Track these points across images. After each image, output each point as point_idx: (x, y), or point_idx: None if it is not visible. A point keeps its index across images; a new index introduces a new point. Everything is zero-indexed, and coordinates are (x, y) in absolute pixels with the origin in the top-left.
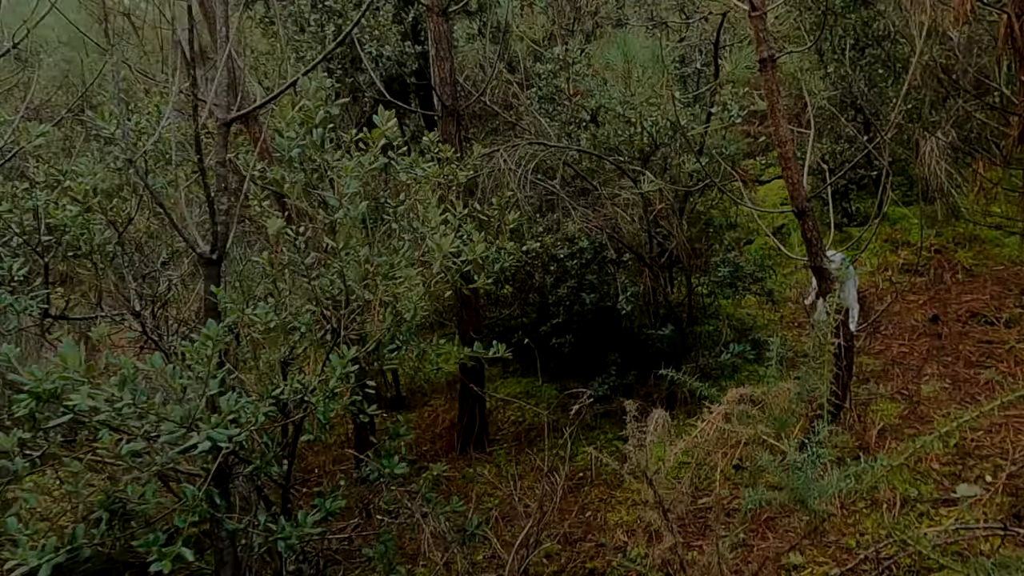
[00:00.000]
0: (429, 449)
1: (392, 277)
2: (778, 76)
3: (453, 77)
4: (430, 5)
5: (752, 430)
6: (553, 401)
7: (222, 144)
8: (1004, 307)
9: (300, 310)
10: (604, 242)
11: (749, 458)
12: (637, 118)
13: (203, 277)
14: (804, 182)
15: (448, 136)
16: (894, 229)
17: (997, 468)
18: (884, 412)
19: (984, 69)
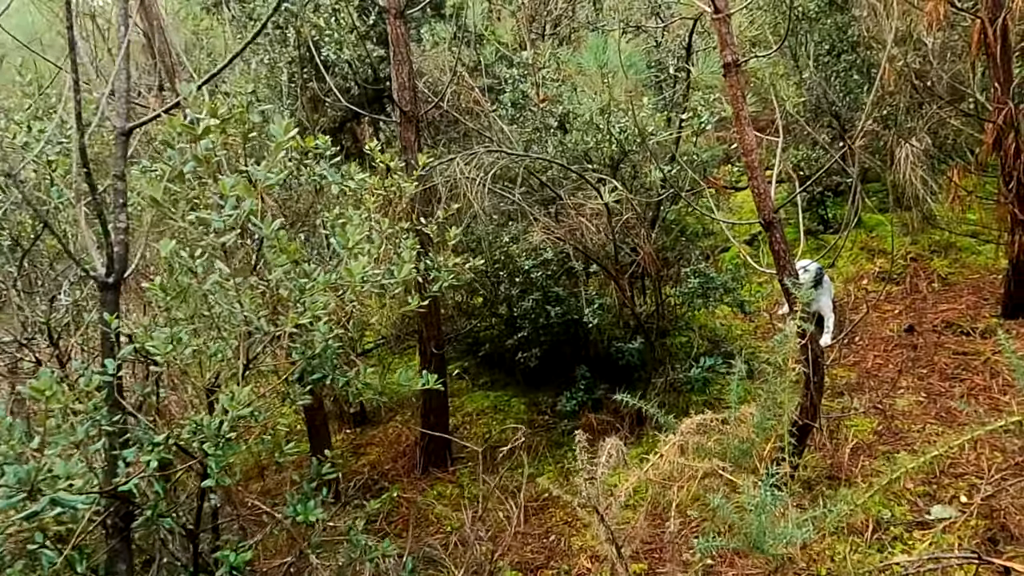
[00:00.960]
0: (391, 469)
1: (304, 304)
2: (744, 81)
3: (412, 82)
4: (387, 6)
5: (707, 464)
6: (522, 416)
7: (120, 155)
8: (980, 317)
9: (212, 339)
10: (583, 253)
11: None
12: (605, 124)
13: (100, 303)
14: (772, 192)
15: (407, 143)
16: (871, 236)
17: (972, 488)
18: (858, 428)
19: (959, 75)
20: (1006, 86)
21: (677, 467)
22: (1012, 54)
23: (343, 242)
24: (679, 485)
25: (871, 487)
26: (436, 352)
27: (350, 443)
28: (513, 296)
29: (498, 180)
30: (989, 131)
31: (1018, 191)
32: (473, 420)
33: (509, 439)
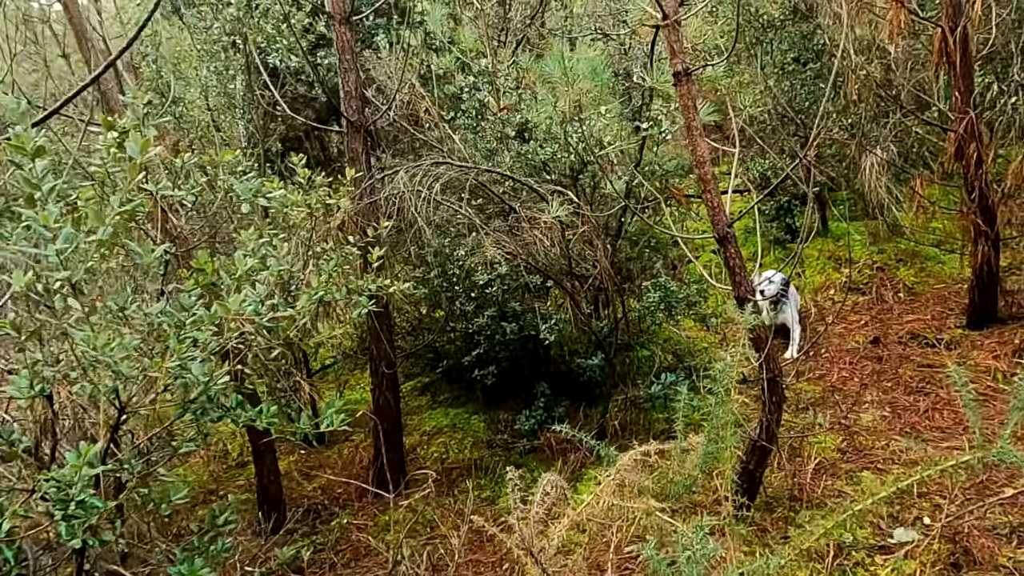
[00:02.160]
0: (342, 492)
1: (182, 341)
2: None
3: (359, 90)
4: (332, 12)
5: (644, 504)
6: (481, 435)
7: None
8: (945, 328)
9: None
10: (534, 268)
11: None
12: (562, 133)
13: None
14: (727, 205)
15: (355, 155)
16: (838, 245)
17: (936, 508)
18: (822, 445)
19: (922, 84)
20: (967, 95)
21: (614, 508)
22: (973, 63)
23: (229, 271)
24: (618, 526)
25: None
26: (388, 372)
27: (302, 465)
28: (468, 312)
29: (456, 192)
30: (951, 140)
31: (980, 201)
32: (431, 439)
33: (467, 459)
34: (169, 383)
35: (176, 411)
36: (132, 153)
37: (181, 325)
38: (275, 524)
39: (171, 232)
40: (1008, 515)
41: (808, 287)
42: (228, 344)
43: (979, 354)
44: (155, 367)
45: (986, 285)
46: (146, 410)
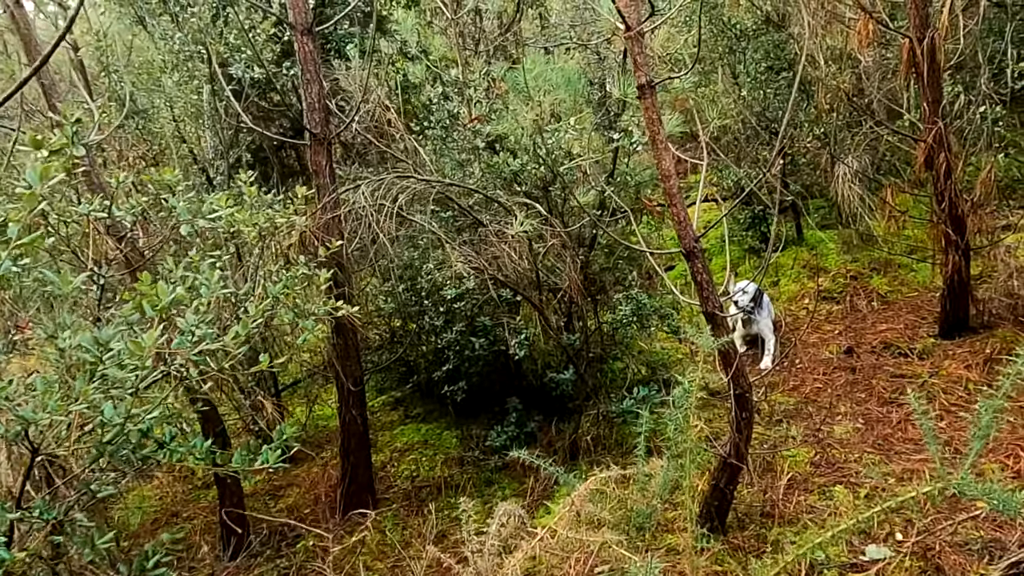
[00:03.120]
0: (310, 513)
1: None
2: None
3: (323, 102)
4: (293, 23)
5: (601, 536)
6: (452, 451)
7: None
8: (917, 337)
9: None
10: (500, 282)
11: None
12: (531, 145)
13: None
14: (695, 219)
15: (318, 168)
16: (812, 254)
17: (908, 523)
18: (795, 459)
19: (893, 93)
20: (935, 105)
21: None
22: (941, 73)
23: (152, 302)
24: (576, 557)
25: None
26: (354, 390)
27: (269, 485)
28: (438, 327)
29: (425, 205)
30: (921, 150)
31: (950, 211)
32: (402, 456)
33: (437, 477)
34: (87, 422)
35: (91, 456)
36: (31, 181)
37: (98, 361)
38: (237, 548)
39: (108, 255)
40: (980, 530)
41: (783, 296)
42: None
43: (951, 364)
44: (60, 410)
45: (957, 294)
46: (64, 451)
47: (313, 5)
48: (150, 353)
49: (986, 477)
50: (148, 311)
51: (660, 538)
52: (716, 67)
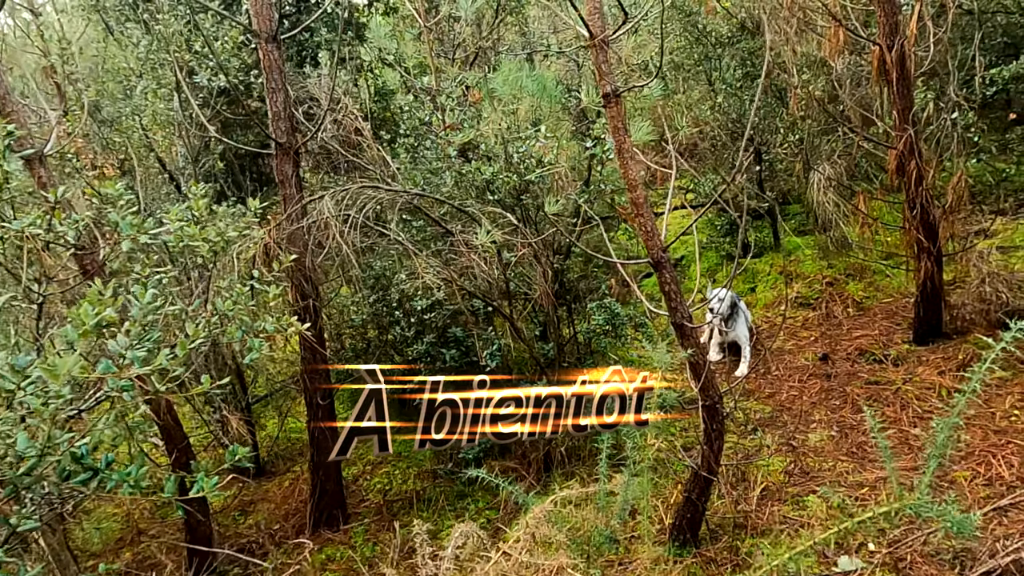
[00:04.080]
0: (279, 529)
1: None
2: (624, 111)
3: (288, 111)
4: (258, 31)
5: (554, 562)
6: (426, 464)
7: None
8: (892, 343)
9: None
10: (468, 292)
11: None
12: (503, 153)
13: None
14: (663, 228)
15: (284, 177)
16: (789, 260)
17: (881, 532)
18: (769, 468)
19: (866, 100)
20: (905, 112)
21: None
22: (912, 80)
23: (77, 322)
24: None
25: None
26: (322, 403)
27: (240, 500)
28: (409, 338)
29: (397, 214)
30: (892, 157)
31: (922, 217)
32: (375, 469)
33: (410, 490)
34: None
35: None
36: None
37: (16, 388)
38: (202, 566)
39: (48, 272)
40: (952, 539)
41: (759, 303)
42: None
43: (924, 370)
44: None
45: (930, 300)
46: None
47: (291, 12)
48: (68, 378)
49: (958, 485)
50: (71, 335)
51: (633, 552)
52: (692, 74)
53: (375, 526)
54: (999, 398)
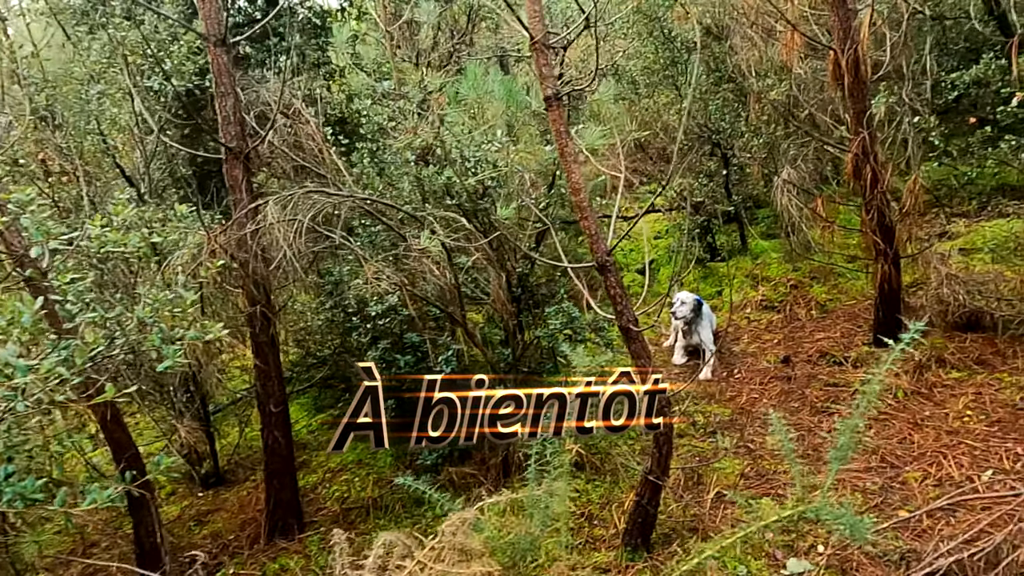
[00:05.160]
0: (235, 539)
1: None
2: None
3: (239, 115)
4: (206, 35)
5: (471, 569)
6: (385, 471)
7: None
8: (852, 345)
9: None
10: (419, 297)
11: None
12: (459, 158)
13: None
14: (610, 233)
15: (234, 182)
16: (756, 263)
17: (830, 535)
18: (725, 471)
19: (828, 104)
20: (860, 116)
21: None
22: (866, 84)
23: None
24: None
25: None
26: (275, 411)
27: (197, 509)
28: (364, 344)
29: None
30: (848, 160)
31: (878, 220)
32: (335, 476)
33: (367, 498)
34: None
35: None
36: None
37: None
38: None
39: None
40: (900, 539)
41: (726, 306)
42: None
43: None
44: None
45: (888, 303)
46: None
47: (261, 16)
48: None
49: (909, 486)
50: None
51: (587, 556)
52: (660, 79)
53: (332, 534)
54: (953, 399)
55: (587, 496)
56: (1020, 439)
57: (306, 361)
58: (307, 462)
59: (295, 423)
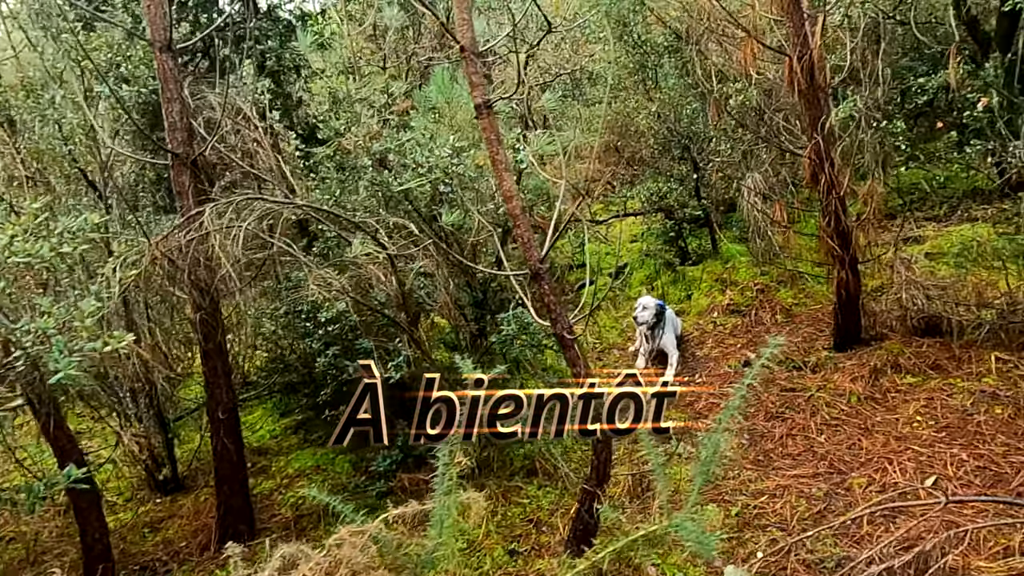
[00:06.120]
0: (185, 546)
1: None
2: (496, 123)
3: (186, 121)
4: (152, 40)
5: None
6: (343, 478)
7: None
8: (813, 350)
9: None
10: (362, 304)
11: None
12: (412, 163)
13: None
14: (548, 240)
15: (181, 189)
16: (725, 267)
17: (772, 542)
18: (676, 477)
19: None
20: (815, 121)
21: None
22: (821, 90)
23: None
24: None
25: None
26: (223, 418)
27: (153, 516)
28: (316, 350)
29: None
30: (806, 166)
31: (835, 225)
32: (292, 482)
33: (321, 505)
34: None
35: None
36: None
37: None
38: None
39: None
40: (838, 546)
41: (693, 310)
42: None
43: (839, 376)
44: None
45: (847, 308)
46: None
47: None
48: None
49: (853, 492)
50: None
51: (531, 563)
52: (630, 83)
53: (282, 541)
54: (905, 404)
55: (537, 502)
56: (966, 445)
57: (274, 365)
58: (266, 468)
59: (259, 428)
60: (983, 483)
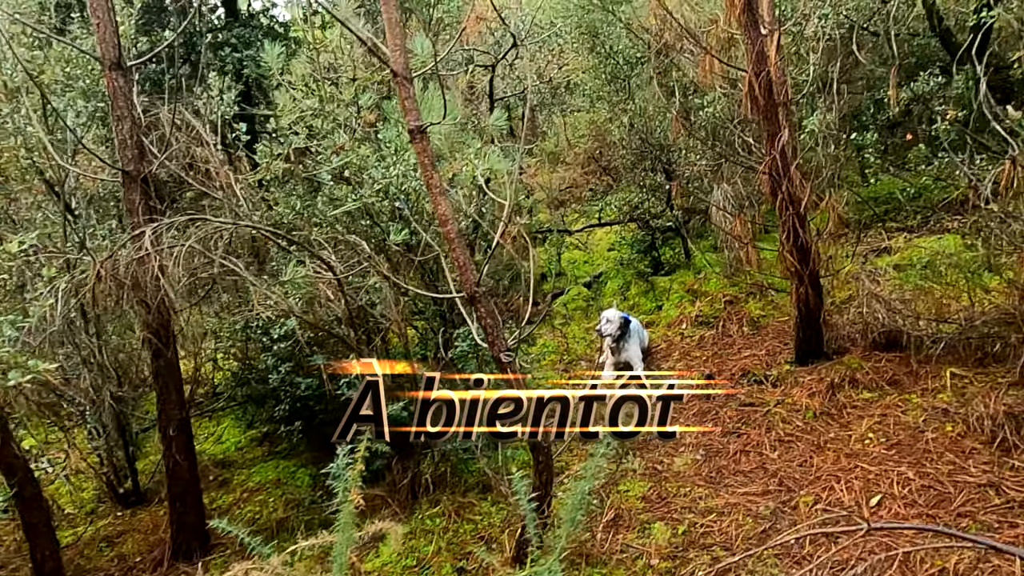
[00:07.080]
0: (140, 562)
1: None
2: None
3: (136, 138)
4: (101, 58)
5: None
6: (302, 491)
7: None
8: (775, 363)
9: None
10: (312, 323)
11: None
12: (368, 180)
13: None
14: (484, 267)
15: (131, 207)
16: (697, 278)
17: (715, 561)
18: (627, 494)
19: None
20: (772, 138)
21: None
22: (779, 105)
23: None
24: None
25: None
26: (174, 435)
27: (113, 529)
28: (270, 366)
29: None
30: (765, 181)
31: (794, 240)
32: (251, 496)
33: (276, 519)
34: None
35: None
36: None
37: None
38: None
39: None
40: (777, 566)
41: (663, 322)
42: None
43: (798, 391)
44: None
45: (807, 322)
46: None
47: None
48: None
49: (799, 511)
50: None
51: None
52: (604, 94)
53: (236, 557)
54: (859, 420)
55: (489, 519)
56: (914, 463)
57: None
58: (228, 480)
59: (225, 440)
60: (927, 503)
